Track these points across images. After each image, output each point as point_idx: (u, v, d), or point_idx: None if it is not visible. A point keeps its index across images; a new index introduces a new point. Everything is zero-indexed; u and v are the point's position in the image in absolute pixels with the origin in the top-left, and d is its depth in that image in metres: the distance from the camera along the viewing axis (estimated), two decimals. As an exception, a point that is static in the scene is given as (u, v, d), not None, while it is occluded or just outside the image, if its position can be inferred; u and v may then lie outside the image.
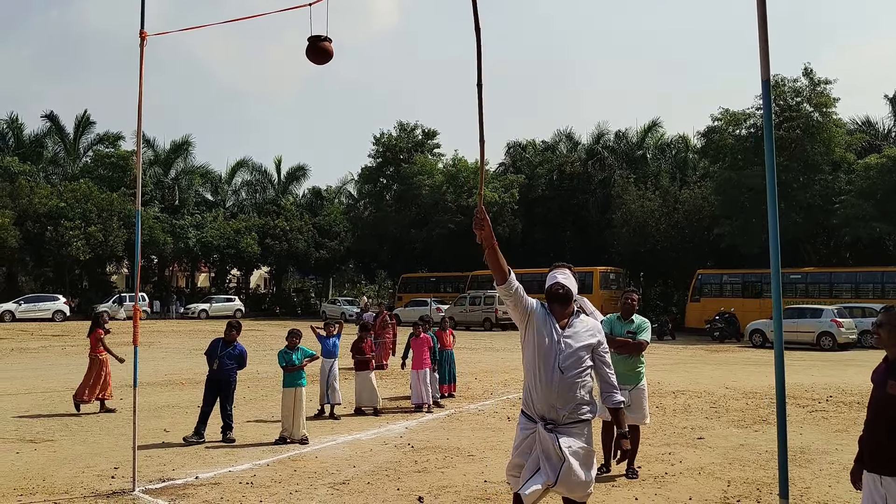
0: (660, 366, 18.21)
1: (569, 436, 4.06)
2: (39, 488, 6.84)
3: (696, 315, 32.78)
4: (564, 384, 4.06)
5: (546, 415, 4.08)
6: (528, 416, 4.21)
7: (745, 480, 7.17)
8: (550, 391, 4.06)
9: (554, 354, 4.10)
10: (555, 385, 4.06)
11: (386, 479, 7.27)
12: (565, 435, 4.05)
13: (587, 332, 4.23)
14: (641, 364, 7.46)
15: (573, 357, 4.11)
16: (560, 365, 4.08)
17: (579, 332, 4.20)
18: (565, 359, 4.09)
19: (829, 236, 35.21)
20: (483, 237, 3.97)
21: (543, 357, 4.11)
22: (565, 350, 4.11)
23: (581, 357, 4.14)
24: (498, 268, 4.04)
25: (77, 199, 42.58)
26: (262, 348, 22.52)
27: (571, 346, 4.13)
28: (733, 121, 35.10)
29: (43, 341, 26.41)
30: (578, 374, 4.11)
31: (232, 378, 9.30)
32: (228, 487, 6.90)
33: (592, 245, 42.07)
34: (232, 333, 9.31)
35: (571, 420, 4.08)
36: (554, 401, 4.06)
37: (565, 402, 4.06)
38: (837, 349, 24.41)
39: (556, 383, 4.06)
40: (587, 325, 4.27)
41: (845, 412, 11.43)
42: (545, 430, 4.05)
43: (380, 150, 49.24)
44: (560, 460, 4.00)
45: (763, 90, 3.16)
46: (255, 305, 52.89)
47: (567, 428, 4.07)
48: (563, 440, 4.03)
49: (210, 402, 9.15)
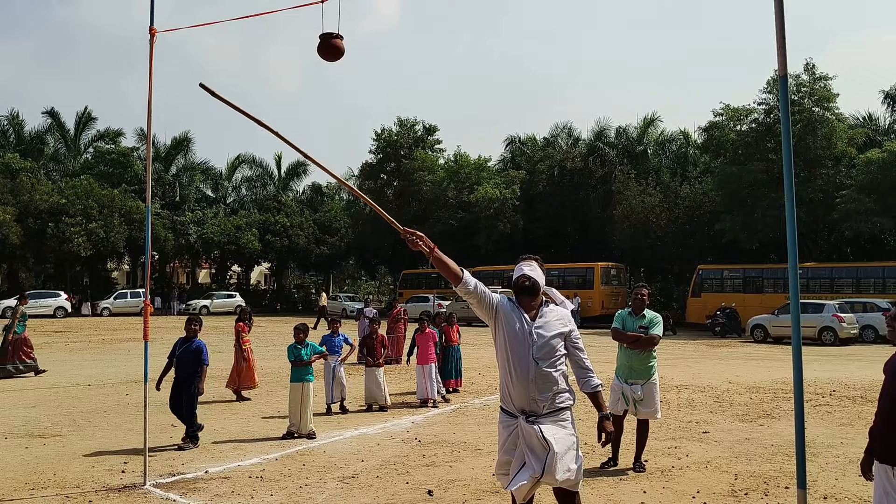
0: (662, 361, 18.07)
1: (552, 424, 4.10)
2: (51, 483, 6.88)
3: (698, 310, 32.82)
4: (541, 375, 4.09)
5: (526, 407, 4.11)
6: (507, 412, 4.23)
7: (752, 474, 7.21)
8: (528, 383, 4.09)
9: (527, 346, 4.12)
10: (531, 376, 4.08)
11: (395, 472, 7.31)
12: (548, 424, 4.09)
13: (558, 321, 4.26)
14: (653, 359, 7.49)
15: (546, 347, 4.14)
16: (534, 356, 4.10)
17: (550, 322, 4.22)
18: (539, 349, 4.12)
19: (830, 231, 35.21)
20: (423, 248, 4.03)
21: (517, 350, 4.13)
22: (538, 341, 4.13)
23: (554, 346, 4.17)
24: (448, 270, 4.09)
25: (78, 196, 42.58)
26: (263, 344, 22.56)
27: (544, 336, 4.15)
28: (735, 116, 35.09)
29: (45, 337, 26.40)
30: (553, 363, 4.14)
31: (192, 377, 8.56)
32: (238, 481, 6.94)
33: (593, 241, 42.08)
34: (192, 328, 8.70)
35: (551, 409, 4.12)
36: (532, 392, 4.09)
37: (543, 392, 4.09)
38: (839, 344, 24.44)
39: (533, 374, 4.09)
40: (557, 314, 4.29)
41: (849, 406, 11.47)
42: (527, 422, 4.08)
43: (380, 145, 49.18)
44: (545, 450, 4.02)
45: (781, 85, 3.19)
46: (256, 301, 52.86)
47: (548, 417, 4.11)
48: (545, 429, 4.06)
49: (177, 404, 8.57)
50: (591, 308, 34.90)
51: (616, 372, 7.59)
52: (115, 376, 15.05)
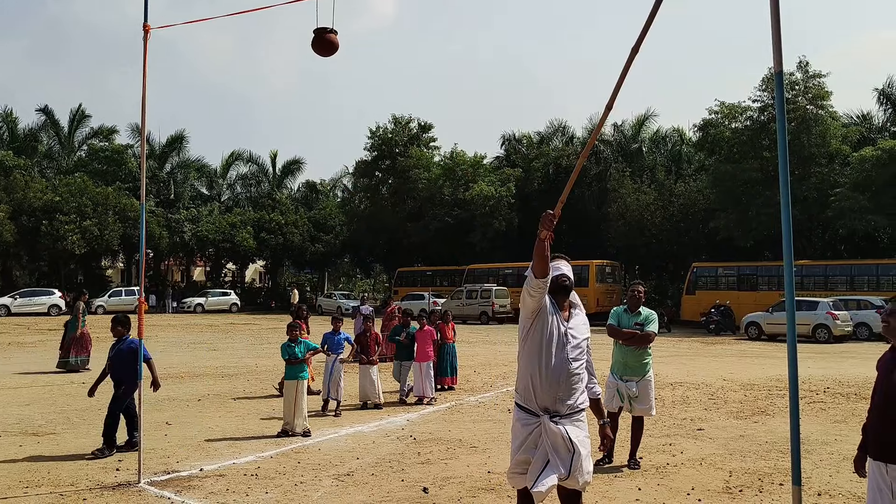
0: (657, 358, 18.08)
1: (574, 426, 4.10)
2: (45, 480, 6.86)
3: (692, 308, 32.87)
4: (572, 375, 4.11)
5: (550, 407, 4.09)
6: (527, 411, 4.17)
7: (747, 471, 7.23)
8: (558, 383, 4.07)
9: (562, 346, 4.12)
10: (563, 377, 4.08)
11: (390, 470, 7.30)
12: (571, 426, 4.09)
13: (584, 324, 4.33)
14: (648, 356, 7.51)
15: (579, 348, 4.18)
16: (569, 356, 4.12)
17: (579, 325, 4.27)
18: (573, 349, 4.14)
19: (825, 229, 35.30)
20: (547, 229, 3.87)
21: (553, 349, 4.10)
22: (572, 342, 4.15)
23: (583, 349, 4.22)
24: (544, 261, 3.96)
25: (72, 193, 42.42)
26: (258, 342, 22.55)
27: (577, 338, 4.19)
28: (730, 114, 35.16)
29: (39, 335, 26.35)
30: (581, 365, 4.19)
31: (126, 381, 8.04)
32: (233, 479, 6.93)
33: (588, 238, 42.10)
34: (118, 329, 8.18)
35: (572, 410, 4.12)
36: (560, 392, 4.08)
37: (570, 393, 4.10)
38: (833, 341, 24.52)
39: (565, 375, 4.09)
40: (583, 319, 4.36)
41: (843, 403, 11.51)
42: (552, 422, 4.05)
43: (375, 142, 49.09)
44: (570, 452, 4.01)
45: (776, 81, 3.20)
46: (251, 299, 52.78)
47: (568, 418, 4.11)
48: (571, 431, 4.05)
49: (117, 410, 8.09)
50: (587, 306, 34.73)
51: (611, 369, 7.61)
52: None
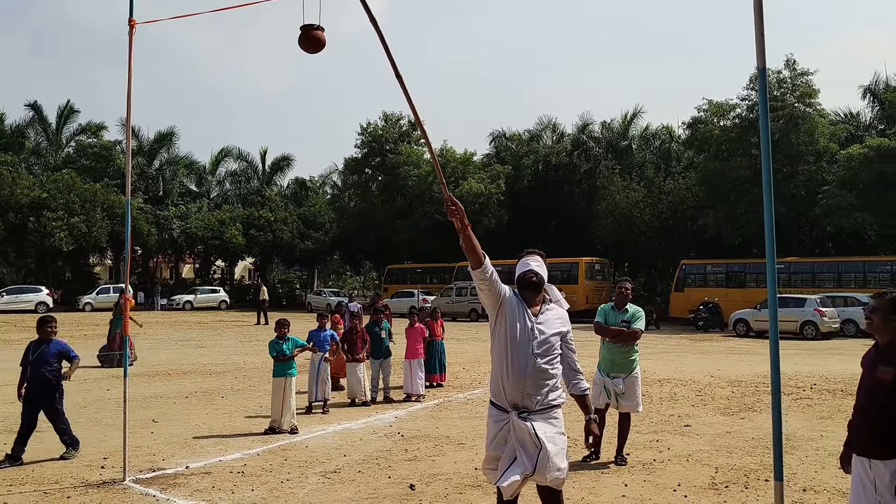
0: (645, 355, 18.14)
1: (543, 422, 4.08)
2: (29, 479, 6.81)
3: (681, 305, 32.96)
4: (538, 371, 4.08)
5: (518, 402, 4.08)
6: (498, 407, 4.19)
7: (733, 467, 7.26)
8: (524, 378, 4.07)
9: (528, 341, 4.11)
10: (528, 372, 4.07)
11: (377, 467, 7.29)
12: (540, 421, 4.07)
13: (557, 319, 4.27)
14: (635, 353, 7.53)
15: (546, 344, 4.14)
16: (534, 351, 4.10)
17: (550, 320, 4.23)
18: (539, 345, 4.11)
19: (812, 226, 35.48)
20: (458, 220, 3.93)
21: (517, 344, 4.11)
22: (539, 337, 4.13)
23: (553, 344, 4.18)
24: (474, 251, 4.01)
25: (60, 190, 42.14)
26: (247, 339, 22.48)
27: (544, 333, 4.15)
28: (718, 111, 35.28)
29: (26, 333, 26.10)
30: (550, 360, 4.14)
31: (53, 384, 7.61)
32: (219, 476, 6.90)
33: (578, 236, 42.18)
34: (45, 329, 7.70)
35: (544, 406, 4.10)
36: (527, 388, 4.07)
37: (538, 389, 4.08)
38: (820, 338, 24.64)
39: (530, 370, 4.07)
40: (557, 313, 4.30)
41: (829, 400, 11.57)
42: (519, 418, 4.05)
43: (365, 140, 48.97)
44: (536, 448, 4.01)
45: (759, 78, 3.19)
46: (240, 296, 52.62)
47: (540, 414, 4.09)
48: (538, 426, 4.04)
49: (29, 418, 7.52)
50: (576, 303, 34.97)
51: (598, 366, 7.62)
52: (95, 371, 14.94)
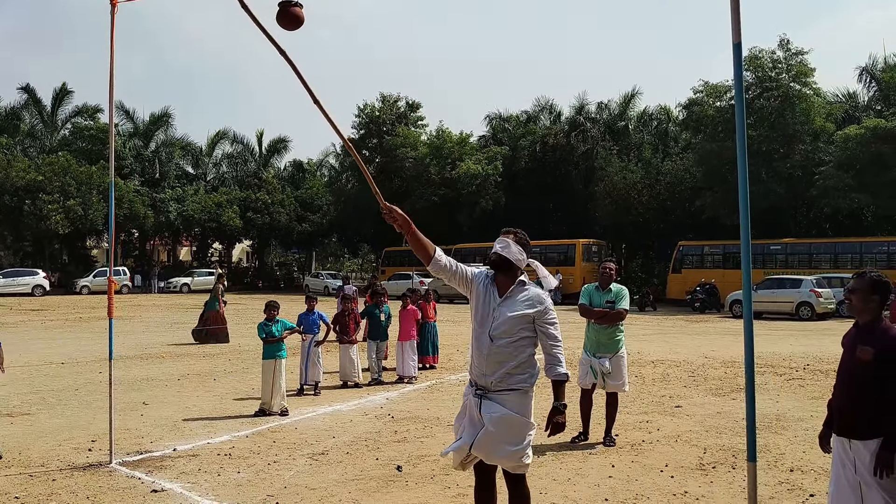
0: (640, 336, 18.36)
1: (495, 402, 4.09)
2: (15, 461, 6.79)
3: (678, 286, 32.99)
4: (493, 352, 4.10)
5: (478, 381, 4.18)
6: (470, 383, 4.33)
7: (721, 447, 7.25)
8: (482, 358, 4.14)
9: (488, 322, 4.15)
10: (485, 352, 4.13)
11: (365, 448, 7.29)
12: (492, 401, 4.10)
13: (525, 301, 4.16)
14: (620, 332, 7.50)
15: (504, 326, 4.11)
16: (490, 333, 4.12)
17: (516, 302, 4.15)
18: (496, 327, 4.12)
19: (809, 207, 35.41)
20: (399, 225, 4.01)
21: (479, 324, 4.20)
22: (497, 318, 4.13)
23: (511, 327, 4.11)
24: (421, 249, 4.12)
25: (55, 173, 41.90)
26: (243, 321, 22.50)
27: (504, 315, 4.12)
28: (714, 93, 35.10)
29: (22, 316, 26.19)
30: (508, 343, 4.10)
31: None
32: (206, 459, 6.89)
33: (576, 217, 42.11)
34: None
35: (500, 388, 4.10)
36: (485, 368, 4.13)
37: (493, 371, 4.10)
38: (816, 319, 24.69)
39: (486, 351, 4.12)
40: (528, 296, 4.19)
41: (821, 380, 11.56)
42: (474, 395, 4.17)
43: (363, 121, 48.76)
44: (480, 426, 4.08)
45: (734, 54, 3.13)
46: (238, 279, 52.62)
47: (496, 395, 4.11)
48: (485, 406, 4.10)
49: None
50: (573, 284, 34.97)
51: (584, 346, 7.62)
52: (88, 354, 14.92)
